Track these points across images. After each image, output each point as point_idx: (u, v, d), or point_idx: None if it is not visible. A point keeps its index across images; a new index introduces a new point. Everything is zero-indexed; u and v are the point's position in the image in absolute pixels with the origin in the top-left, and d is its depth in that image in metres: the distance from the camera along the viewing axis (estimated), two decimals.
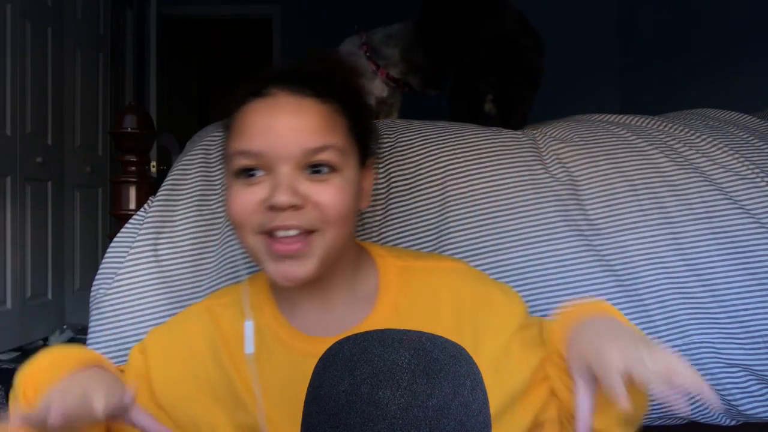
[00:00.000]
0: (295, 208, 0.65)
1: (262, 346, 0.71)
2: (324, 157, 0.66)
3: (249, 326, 0.71)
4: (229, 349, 0.73)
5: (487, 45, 1.36)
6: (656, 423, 0.98)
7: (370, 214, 0.98)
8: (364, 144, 0.74)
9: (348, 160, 0.69)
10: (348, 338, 0.50)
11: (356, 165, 0.71)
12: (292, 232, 0.65)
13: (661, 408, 0.95)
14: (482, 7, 1.38)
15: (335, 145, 0.67)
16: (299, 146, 0.65)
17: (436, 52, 1.48)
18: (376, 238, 0.96)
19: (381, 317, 0.72)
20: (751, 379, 0.94)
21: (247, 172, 0.67)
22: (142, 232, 0.95)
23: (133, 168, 1.15)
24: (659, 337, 0.93)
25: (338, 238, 0.68)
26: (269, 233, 0.66)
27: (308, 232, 0.66)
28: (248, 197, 0.66)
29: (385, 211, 0.98)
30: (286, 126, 0.66)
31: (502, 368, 0.71)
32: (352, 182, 0.69)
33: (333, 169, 0.67)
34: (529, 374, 0.72)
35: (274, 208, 0.64)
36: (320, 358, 0.51)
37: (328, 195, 0.66)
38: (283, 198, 0.64)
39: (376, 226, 0.97)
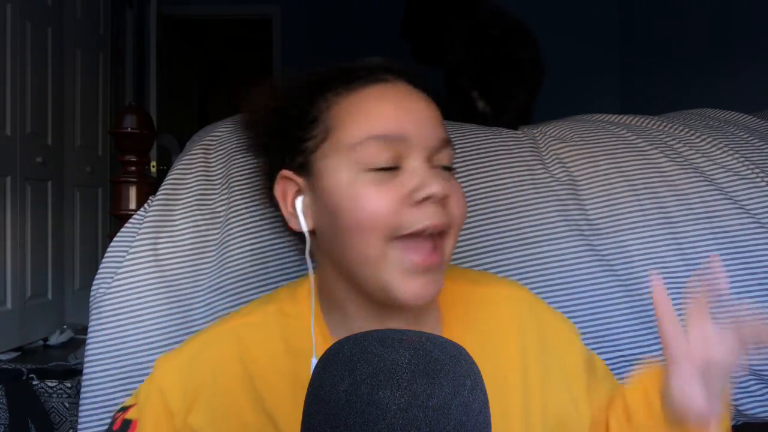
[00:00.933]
0: (442, 201, 0.57)
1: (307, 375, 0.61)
2: (449, 153, 0.61)
3: (314, 363, 0.58)
4: (266, 383, 0.61)
5: (460, 40, 1.36)
6: None
7: None
8: None
9: None
10: (348, 338, 0.50)
11: None
12: (429, 245, 0.56)
13: None
14: (454, 5, 1.39)
15: (451, 143, 0.62)
16: (435, 136, 0.59)
17: (421, 56, 1.49)
18: None
19: None
20: (751, 379, 0.94)
21: (381, 168, 0.57)
22: (141, 231, 0.95)
23: (133, 168, 1.15)
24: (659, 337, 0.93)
25: (455, 244, 0.61)
26: (403, 239, 0.56)
27: (440, 236, 0.58)
28: (385, 195, 0.56)
29: None
30: (424, 112, 0.59)
31: (570, 422, 0.66)
32: None
33: (449, 169, 0.61)
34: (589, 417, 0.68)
35: (424, 202, 0.55)
36: (320, 358, 0.51)
37: (458, 193, 0.60)
38: (440, 188, 0.55)
39: None
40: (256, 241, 0.95)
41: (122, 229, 0.98)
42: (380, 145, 0.57)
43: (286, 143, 0.63)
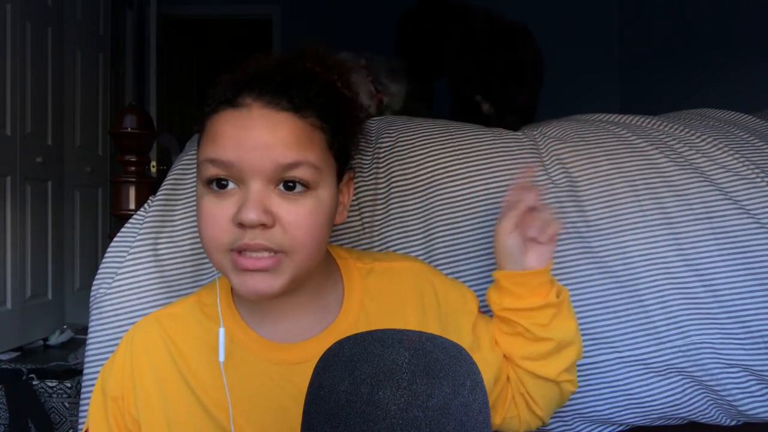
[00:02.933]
0: (263, 227, 0.62)
1: (229, 355, 0.69)
2: (297, 174, 0.63)
3: (222, 333, 0.69)
4: (186, 362, 0.71)
5: (454, 49, 1.37)
6: (656, 423, 0.98)
7: (370, 214, 0.98)
8: (345, 156, 0.71)
9: (324, 178, 0.66)
10: (348, 338, 0.50)
11: (333, 181, 0.68)
12: (259, 254, 0.62)
13: (661, 409, 0.95)
14: (443, 18, 1.41)
15: (310, 162, 0.63)
16: (271, 161, 0.62)
17: (419, 72, 1.51)
18: (377, 238, 0.96)
19: (347, 321, 0.72)
20: (752, 380, 0.94)
21: (217, 182, 0.64)
22: (142, 231, 0.95)
23: (133, 168, 1.15)
24: (659, 338, 0.93)
25: (308, 261, 0.65)
26: (238, 251, 0.63)
27: (278, 253, 0.63)
28: (218, 212, 0.63)
29: (386, 212, 0.98)
30: (258, 140, 0.62)
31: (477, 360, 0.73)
32: (327, 202, 0.66)
33: (306, 187, 0.64)
34: (499, 362, 0.80)
35: (242, 226, 0.62)
36: (320, 358, 0.51)
37: (298, 217, 0.63)
38: (251, 215, 0.60)
39: (377, 226, 0.97)
40: None
41: (122, 229, 0.98)
42: (215, 167, 0.63)
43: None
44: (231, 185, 0.63)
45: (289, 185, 0.63)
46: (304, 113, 0.64)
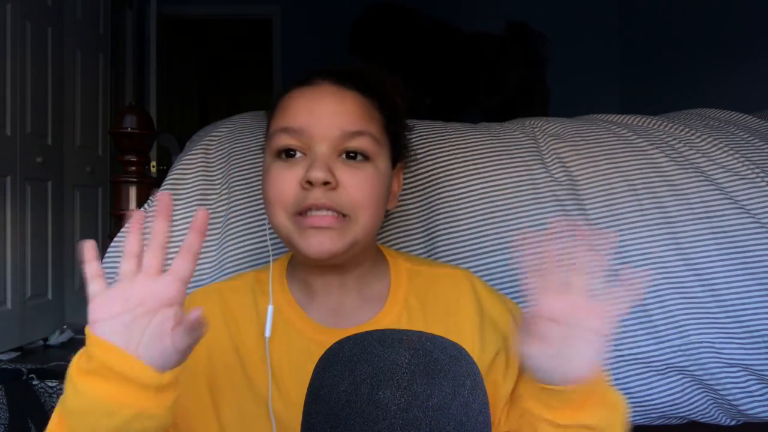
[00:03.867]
0: (329, 186, 0.66)
1: (276, 331, 0.72)
2: (360, 143, 0.68)
3: (270, 310, 0.72)
4: (240, 333, 0.73)
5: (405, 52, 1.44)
6: (656, 423, 0.98)
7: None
8: (397, 145, 0.76)
9: (382, 152, 0.71)
10: (348, 338, 0.50)
11: (388, 161, 0.73)
12: (323, 212, 0.67)
13: (660, 408, 0.95)
14: (394, 24, 1.49)
15: (371, 133, 0.70)
16: (338, 127, 0.68)
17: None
18: (377, 238, 0.96)
19: (391, 315, 0.74)
20: (751, 379, 0.94)
21: (287, 152, 0.69)
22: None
23: (133, 168, 1.15)
24: (659, 337, 0.93)
25: (369, 226, 0.69)
26: (302, 213, 0.67)
27: (340, 216, 0.67)
28: (286, 175, 0.68)
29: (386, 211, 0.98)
30: (327, 108, 0.69)
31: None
32: (385, 175, 0.71)
33: (367, 158, 0.69)
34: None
35: (309, 184, 0.66)
36: (320, 358, 0.51)
37: (360, 180, 0.68)
38: (318, 174, 0.65)
39: None
40: (256, 241, 0.95)
41: (122, 229, 0.98)
42: (286, 136, 0.69)
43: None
44: (299, 155, 0.69)
45: (351, 155, 0.69)
46: (367, 95, 0.72)
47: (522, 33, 2.02)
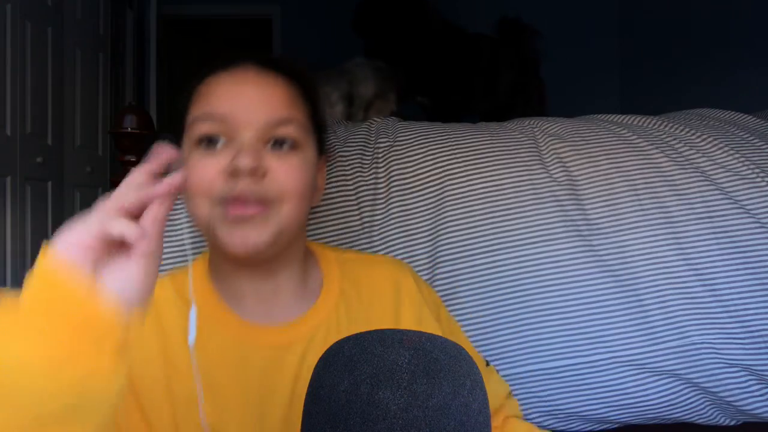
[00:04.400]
0: (255, 175, 0.63)
1: (204, 335, 0.65)
2: (288, 131, 0.66)
3: (193, 313, 0.63)
4: (170, 340, 0.68)
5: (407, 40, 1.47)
6: (651, 422, 0.98)
7: (369, 214, 0.98)
8: (322, 133, 0.74)
9: (309, 141, 0.69)
10: (348, 338, 0.50)
11: (314, 150, 0.71)
12: (251, 200, 0.64)
13: (657, 408, 0.95)
14: (401, 8, 1.51)
15: (299, 121, 0.67)
16: (264, 115, 0.65)
17: (372, 53, 1.60)
18: (377, 238, 0.96)
19: (327, 305, 0.72)
20: (752, 379, 0.94)
21: (207, 141, 0.65)
22: None
23: (133, 168, 1.15)
24: (656, 338, 0.93)
25: (294, 216, 0.66)
26: (226, 203, 0.63)
27: (266, 204, 0.64)
28: (208, 165, 0.64)
29: (386, 211, 0.98)
30: (252, 94, 0.66)
31: None
32: (311, 163, 0.69)
33: (294, 145, 0.66)
34: None
35: (235, 173, 0.62)
36: (320, 358, 0.51)
37: (288, 168, 0.65)
38: (246, 161, 0.61)
39: (377, 225, 0.97)
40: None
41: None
42: (208, 123, 0.65)
43: (179, 125, 0.72)
44: (221, 143, 0.65)
45: (278, 143, 0.65)
46: (293, 82, 0.69)
47: (514, 29, 2.03)
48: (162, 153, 0.55)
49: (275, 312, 0.71)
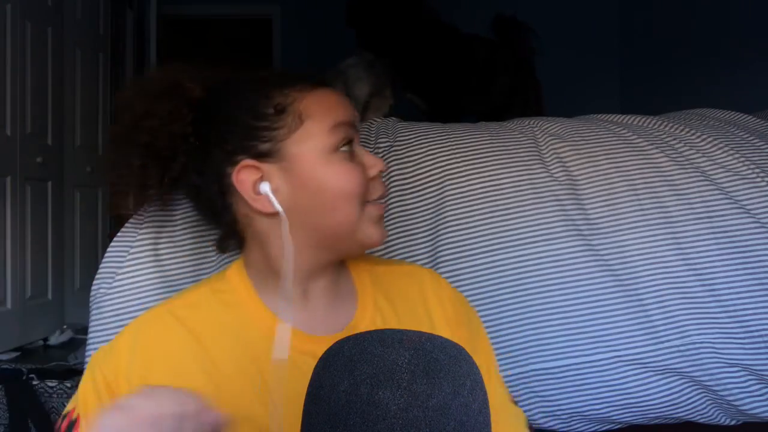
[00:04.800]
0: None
1: (253, 347, 0.66)
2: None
3: (284, 329, 0.65)
4: (209, 356, 0.67)
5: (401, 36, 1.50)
6: (653, 422, 0.98)
7: None
8: None
9: None
10: (348, 338, 0.50)
11: None
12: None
13: (659, 408, 0.95)
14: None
15: None
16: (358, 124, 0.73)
17: (365, 45, 1.62)
18: None
19: (365, 319, 0.72)
20: (751, 379, 0.94)
21: (348, 144, 0.70)
22: (142, 231, 0.95)
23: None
24: (658, 337, 0.93)
25: None
26: (370, 202, 0.70)
27: None
28: (357, 171, 0.69)
29: (386, 211, 0.98)
30: (350, 108, 0.73)
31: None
32: None
33: None
34: None
35: (375, 177, 0.70)
36: (320, 358, 0.51)
37: None
38: (383, 165, 0.71)
39: None
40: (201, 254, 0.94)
41: (122, 229, 0.98)
42: (343, 130, 0.69)
43: (242, 133, 0.69)
44: (346, 148, 0.70)
45: None
46: None
47: (510, 27, 2.03)
48: (208, 417, 0.54)
49: (320, 321, 0.71)
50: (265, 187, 0.67)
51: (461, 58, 1.85)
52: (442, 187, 0.98)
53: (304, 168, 0.68)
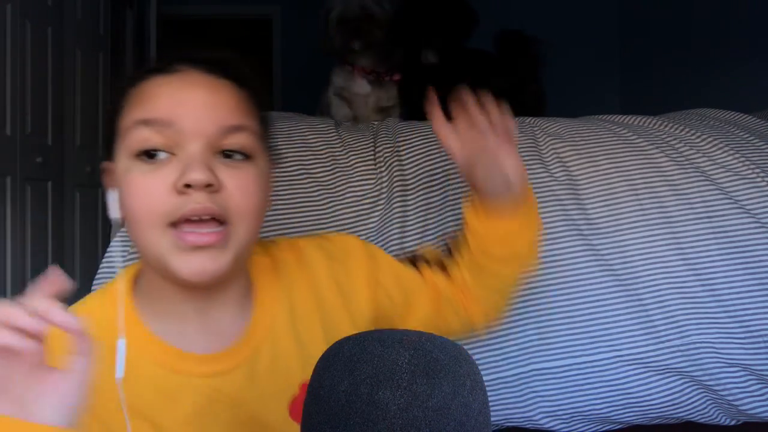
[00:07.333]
0: (210, 189, 0.56)
1: (129, 367, 0.58)
2: (240, 140, 0.59)
3: (121, 345, 0.57)
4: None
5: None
6: (654, 422, 0.98)
7: (367, 214, 0.98)
8: (269, 139, 0.68)
9: (261, 151, 0.63)
10: (348, 338, 0.50)
11: (268, 158, 0.65)
12: (204, 230, 0.57)
13: (659, 408, 0.95)
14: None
15: (252, 128, 0.61)
16: (214, 122, 0.58)
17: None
18: (375, 239, 0.96)
19: (260, 327, 0.66)
20: (751, 379, 0.94)
21: (147, 153, 0.57)
22: None
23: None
24: (659, 337, 0.93)
25: (252, 235, 0.61)
26: (177, 224, 0.57)
27: (221, 224, 0.58)
28: (153, 182, 0.56)
29: (388, 212, 0.98)
30: (200, 99, 0.58)
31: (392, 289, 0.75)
32: (265, 174, 0.63)
33: (247, 156, 0.60)
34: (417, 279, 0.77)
35: (187, 188, 0.55)
36: (320, 358, 0.51)
37: (244, 182, 0.59)
38: (199, 175, 0.55)
39: (375, 225, 0.97)
40: None
41: (122, 229, 0.98)
42: (148, 131, 0.57)
43: (106, 134, 0.65)
44: (163, 155, 0.57)
45: (228, 153, 0.59)
46: (243, 86, 0.63)
47: (516, 43, 2.03)
48: (53, 282, 0.47)
49: (208, 337, 0.64)
50: (109, 194, 0.62)
51: (462, 68, 1.86)
52: (444, 188, 0.98)
53: (117, 174, 0.60)
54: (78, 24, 3.17)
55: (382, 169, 1.01)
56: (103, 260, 0.96)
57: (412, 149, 1.02)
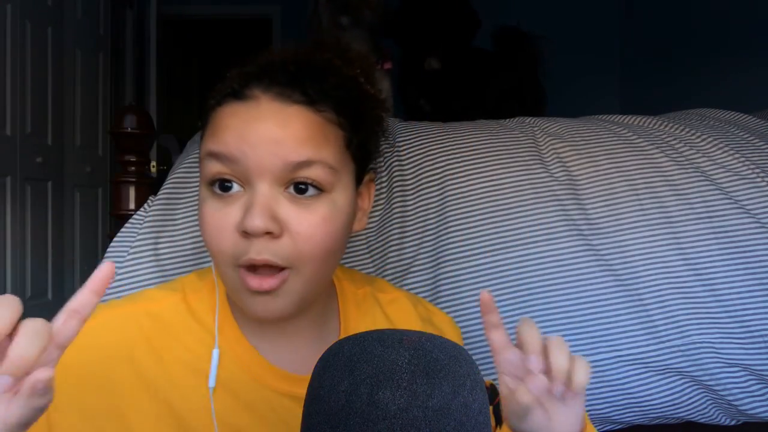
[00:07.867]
0: (270, 236, 0.55)
1: (222, 375, 0.59)
2: (310, 174, 0.55)
3: (215, 356, 0.58)
4: (172, 383, 0.59)
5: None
6: (654, 422, 0.98)
7: (368, 215, 0.98)
8: (365, 157, 0.63)
9: (341, 179, 0.58)
10: (348, 338, 0.50)
11: (351, 184, 0.61)
12: (264, 273, 0.56)
13: (659, 408, 0.95)
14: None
15: (325, 161, 0.56)
16: (280, 159, 0.55)
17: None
18: (374, 239, 0.96)
19: None
20: (752, 379, 0.94)
21: (221, 184, 0.56)
22: (142, 231, 0.95)
23: (133, 168, 1.15)
24: (659, 337, 0.93)
25: (318, 276, 0.59)
26: (245, 267, 0.56)
27: (282, 269, 0.56)
28: (222, 220, 0.56)
29: (388, 212, 0.98)
30: (265, 134, 0.55)
31: None
32: (343, 208, 0.59)
33: (320, 189, 0.56)
34: None
35: (247, 235, 0.54)
36: (320, 358, 0.51)
37: (310, 226, 0.56)
38: (256, 222, 0.53)
39: (374, 225, 0.97)
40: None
41: (122, 229, 0.98)
42: (219, 165, 0.56)
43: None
44: (236, 188, 0.56)
45: (301, 188, 0.56)
46: (319, 107, 0.57)
47: (515, 39, 2.03)
48: (103, 278, 0.47)
49: (296, 357, 0.64)
50: None
51: (462, 67, 1.86)
52: (443, 188, 0.98)
53: (199, 197, 0.60)
54: (78, 24, 3.17)
55: (382, 169, 1.01)
56: (103, 260, 0.96)
57: (412, 149, 1.02)
